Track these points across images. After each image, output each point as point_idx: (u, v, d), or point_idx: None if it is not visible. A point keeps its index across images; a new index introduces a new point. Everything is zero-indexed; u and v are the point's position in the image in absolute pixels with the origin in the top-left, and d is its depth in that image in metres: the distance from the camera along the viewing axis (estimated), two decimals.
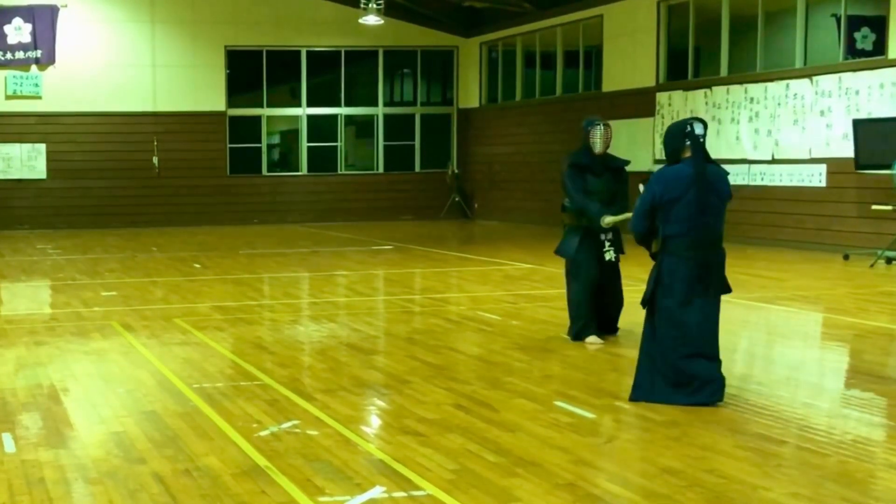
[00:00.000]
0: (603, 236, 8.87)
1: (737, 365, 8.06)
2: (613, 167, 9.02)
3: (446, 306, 11.54)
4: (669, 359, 6.77)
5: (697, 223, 6.76)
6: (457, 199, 27.42)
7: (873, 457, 5.62)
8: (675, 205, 6.76)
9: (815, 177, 17.33)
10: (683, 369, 6.74)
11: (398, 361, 8.34)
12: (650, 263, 7.03)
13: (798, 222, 17.75)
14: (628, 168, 9.11)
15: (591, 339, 8.90)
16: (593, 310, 8.93)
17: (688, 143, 6.87)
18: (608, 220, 8.71)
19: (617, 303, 9.16)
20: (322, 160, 27.11)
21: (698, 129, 6.90)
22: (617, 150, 9.48)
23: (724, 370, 6.83)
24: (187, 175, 25.71)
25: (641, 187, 7.09)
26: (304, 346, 9.26)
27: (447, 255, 17.82)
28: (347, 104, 27.30)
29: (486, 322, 10.28)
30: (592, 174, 8.83)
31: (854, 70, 16.69)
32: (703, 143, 6.92)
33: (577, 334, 8.94)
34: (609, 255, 8.89)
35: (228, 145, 26.21)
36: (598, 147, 8.82)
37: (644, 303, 6.98)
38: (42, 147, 24.85)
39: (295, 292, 13.41)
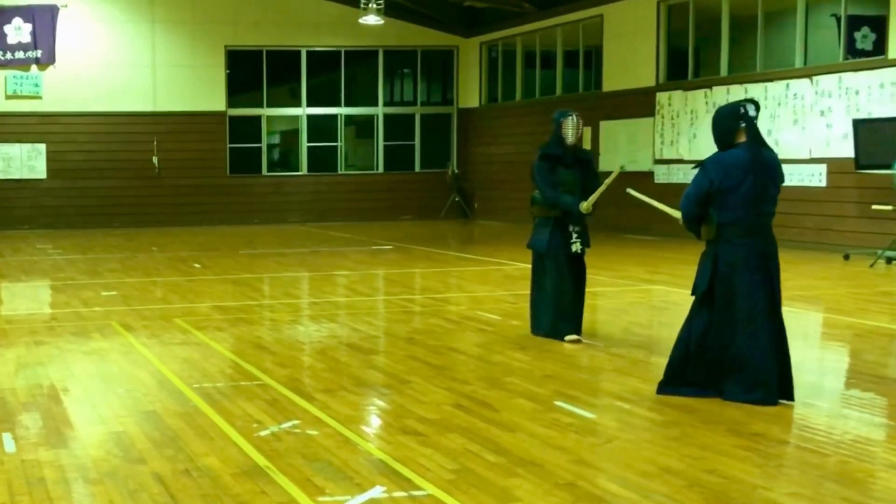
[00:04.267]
0: (571, 228, 8.85)
1: None
2: (583, 159, 9.11)
3: (446, 306, 11.54)
4: (727, 348, 6.64)
5: (754, 210, 6.62)
6: (457, 199, 27.42)
7: (873, 457, 5.62)
8: (732, 192, 6.58)
9: (815, 177, 17.33)
10: (740, 358, 6.61)
11: (398, 361, 8.33)
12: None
13: (798, 222, 17.74)
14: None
15: (571, 336, 8.85)
16: (566, 303, 8.87)
17: (742, 125, 6.66)
18: (585, 205, 8.70)
19: (581, 298, 9.04)
20: (322, 160, 27.12)
21: (752, 111, 6.67)
22: (617, 150, 9.54)
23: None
24: (187, 175, 25.71)
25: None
26: (304, 346, 9.26)
27: (447, 255, 17.82)
28: (347, 104, 27.31)
29: (486, 322, 10.28)
30: (563, 165, 8.86)
31: (854, 70, 16.69)
32: (757, 125, 6.72)
33: (553, 330, 8.88)
34: (575, 248, 8.87)
35: (228, 145, 26.21)
36: (569, 138, 8.85)
37: (698, 292, 6.78)
38: (42, 147, 24.85)
39: (295, 292, 13.41)
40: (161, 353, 8.67)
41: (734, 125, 6.66)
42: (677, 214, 7.13)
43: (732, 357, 6.66)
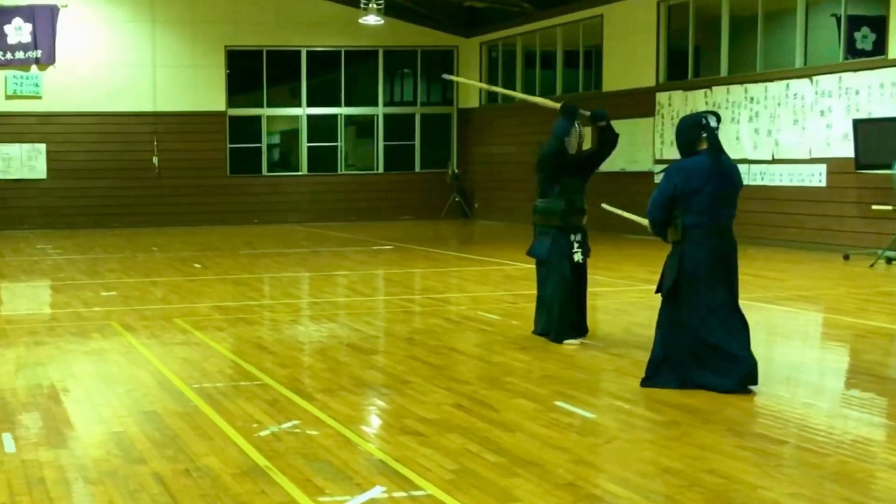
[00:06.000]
0: (572, 237, 8.89)
1: None
2: (586, 164, 9.09)
3: (446, 306, 11.54)
4: (702, 340, 7.04)
5: (715, 213, 7.05)
6: (457, 199, 27.42)
7: (873, 457, 5.62)
8: (695, 195, 7.02)
9: (816, 177, 17.33)
10: (716, 347, 7.01)
11: (398, 361, 8.33)
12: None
13: (798, 222, 17.75)
14: (627, 168, 9.17)
15: (570, 341, 8.84)
16: (569, 311, 8.88)
17: (704, 135, 7.13)
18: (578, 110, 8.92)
19: (583, 305, 9.09)
20: (322, 160, 27.12)
21: (713, 122, 7.14)
22: (617, 150, 9.54)
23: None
24: (187, 175, 25.72)
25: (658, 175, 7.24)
26: (304, 346, 9.26)
27: (447, 255, 17.82)
28: (347, 104, 27.31)
29: (486, 322, 10.28)
30: (567, 175, 8.88)
31: (854, 70, 16.69)
32: (717, 135, 7.16)
33: (558, 336, 8.88)
34: (577, 257, 8.91)
35: (228, 145, 26.21)
36: (572, 149, 8.93)
37: (664, 291, 7.22)
38: (42, 147, 24.85)
39: (295, 292, 13.41)
40: (161, 353, 8.67)
41: (696, 135, 7.14)
42: (645, 221, 7.57)
43: (701, 345, 7.06)
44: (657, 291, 7.36)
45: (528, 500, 4.89)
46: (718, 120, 7.20)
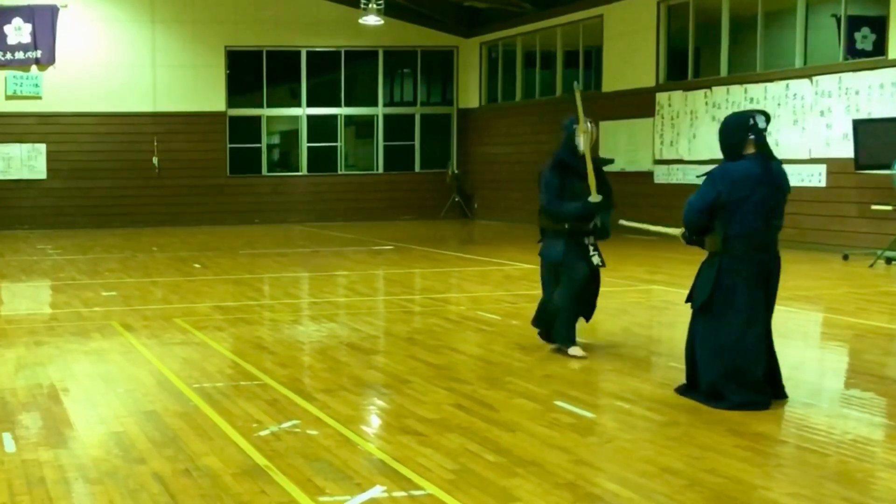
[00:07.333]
0: (586, 241, 8.38)
1: None
2: (598, 167, 8.46)
3: (446, 306, 11.54)
4: (736, 359, 6.54)
5: (761, 224, 6.51)
6: (457, 199, 27.42)
7: (873, 457, 5.62)
8: (740, 205, 6.44)
9: (815, 177, 17.33)
10: (748, 368, 6.54)
11: (398, 361, 8.33)
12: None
13: (798, 222, 17.73)
14: (627, 168, 9.02)
15: (575, 350, 8.36)
16: (575, 316, 8.43)
17: (751, 137, 6.50)
18: (594, 196, 8.15)
19: (591, 308, 8.62)
20: (322, 160, 27.11)
21: (762, 123, 6.50)
22: (617, 151, 9.34)
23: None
24: (187, 175, 25.72)
25: None
26: (304, 346, 9.26)
27: (447, 255, 17.82)
28: (347, 104, 27.30)
29: (486, 322, 10.28)
30: (577, 176, 8.29)
31: (854, 70, 16.69)
32: (766, 137, 6.56)
33: (566, 343, 8.38)
34: (596, 260, 8.38)
35: (228, 145, 26.21)
36: (582, 146, 8.28)
37: (697, 305, 6.69)
38: (42, 147, 24.85)
39: (295, 292, 13.41)
40: (161, 353, 8.67)
41: (743, 137, 6.52)
42: (675, 232, 7.03)
43: (731, 362, 6.58)
44: (687, 301, 6.87)
45: (528, 500, 4.89)
46: (768, 120, 6.54)
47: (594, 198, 8.19)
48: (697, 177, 6.90)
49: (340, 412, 6.58)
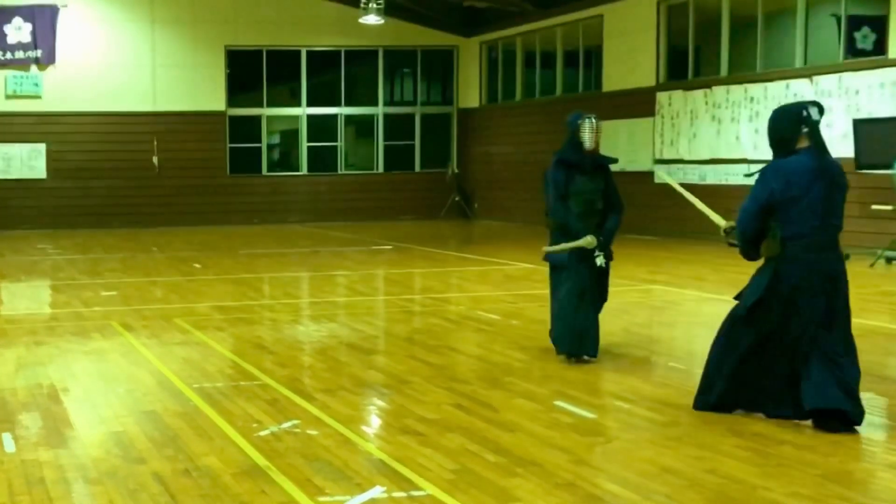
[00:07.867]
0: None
1: None
2: (603, 165, 8.38)
3: (446, 306, 11.54)
4: (769, 373, 6.15)
5: (820, 223, 6.01)
6: (457, 198, 27.41)
7: (873, 457, 5.62)
8: (796, 203, 5.98)
9: None
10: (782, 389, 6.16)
11: (398, 361, 8.33)
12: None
13: None
14: (627, 168, 8.94)
15: (563, 356, 8.13)
16: (583, 321, 8.11)
17: (805, 130, 6.07)
18: (591, 238, 8.07)
19: (599, 306, 8.35)
20: (322, 160, 27.11)
21: (815, 115, 6.09)
22: (617, 150, 9.31)
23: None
24: (187, 175, 25.70)
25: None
26: (304, 346, 9.26)
27: (447, 255, 17.81)
28: (347, 104, 27.29)
29: (486, 322, 10.28)
30: (581, 173, 8.18)
31: (854, 70, 16.69)
32: (820, 130, 6.14)
33: (573, 349, 8.13)
34: (599, 261, 8.22)
35: (228, 145, 26.20)
36: (587, 143, 8.15)
37: (743, 309, 6.21)
38: (42, 147, 24.84)
39: (295, 292, 13.41)
40: (161, 353, 8.67)
41: (795, 130, 6.08)
42: (719, 220, 6.61)
43: (771, 381, 6.22)
44: (736, 297, 6.35)
45: (528, 500, 4.89)
46: (821, 112, 6.11)
47: (588, 240, 8.08)
48: (745, 175, 6.56)
49: (340, 412, 6.57)
